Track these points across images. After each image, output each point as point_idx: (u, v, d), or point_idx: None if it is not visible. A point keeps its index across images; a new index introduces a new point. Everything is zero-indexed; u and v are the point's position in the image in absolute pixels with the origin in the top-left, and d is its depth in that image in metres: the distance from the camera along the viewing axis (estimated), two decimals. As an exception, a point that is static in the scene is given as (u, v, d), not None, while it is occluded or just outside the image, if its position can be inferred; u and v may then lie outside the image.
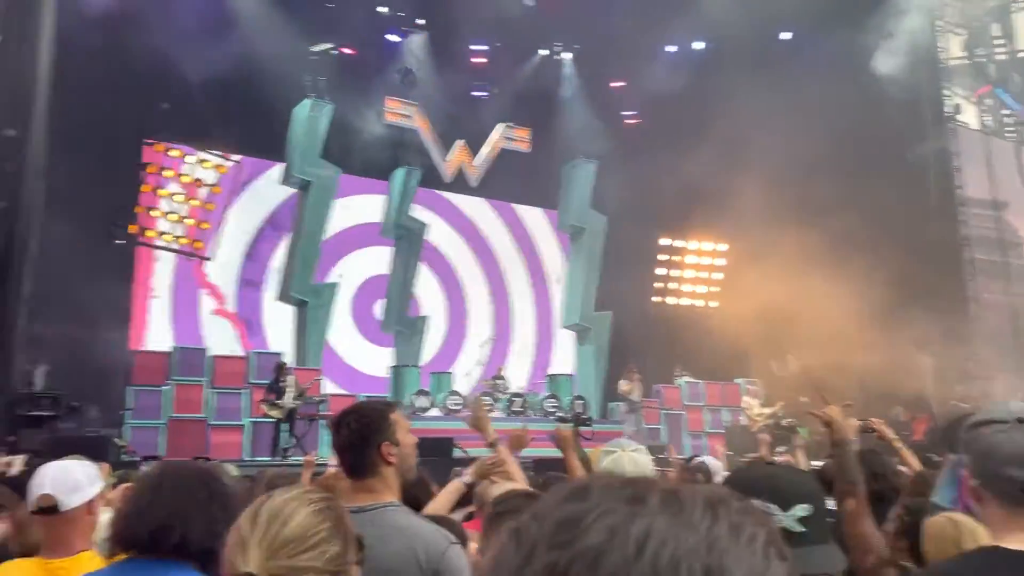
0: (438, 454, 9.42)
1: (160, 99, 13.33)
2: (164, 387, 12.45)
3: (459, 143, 17.51)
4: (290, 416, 12.17)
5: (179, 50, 13.22)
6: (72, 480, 2.72)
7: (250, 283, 15.46)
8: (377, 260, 16.89)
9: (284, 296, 15.50)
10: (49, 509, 2.70)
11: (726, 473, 5.13)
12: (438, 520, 2.54)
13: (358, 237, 16.77)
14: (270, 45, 14.43)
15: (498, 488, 2.97)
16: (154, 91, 13.25)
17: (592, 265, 18.50)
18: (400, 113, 16.97)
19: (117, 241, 13.09)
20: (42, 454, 8.67)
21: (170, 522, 1.98)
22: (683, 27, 16.63)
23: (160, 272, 14.44)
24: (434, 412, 13.92)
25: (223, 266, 14.98)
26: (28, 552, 2.91)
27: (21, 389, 10.83)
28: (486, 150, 17.83)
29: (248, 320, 15.37)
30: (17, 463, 5.72)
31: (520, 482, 3.24)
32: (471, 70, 17.63)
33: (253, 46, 14.27)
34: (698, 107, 15.51)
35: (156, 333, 14.18)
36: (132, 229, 13.06)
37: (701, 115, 15.02)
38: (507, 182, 17.70)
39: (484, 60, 17.78)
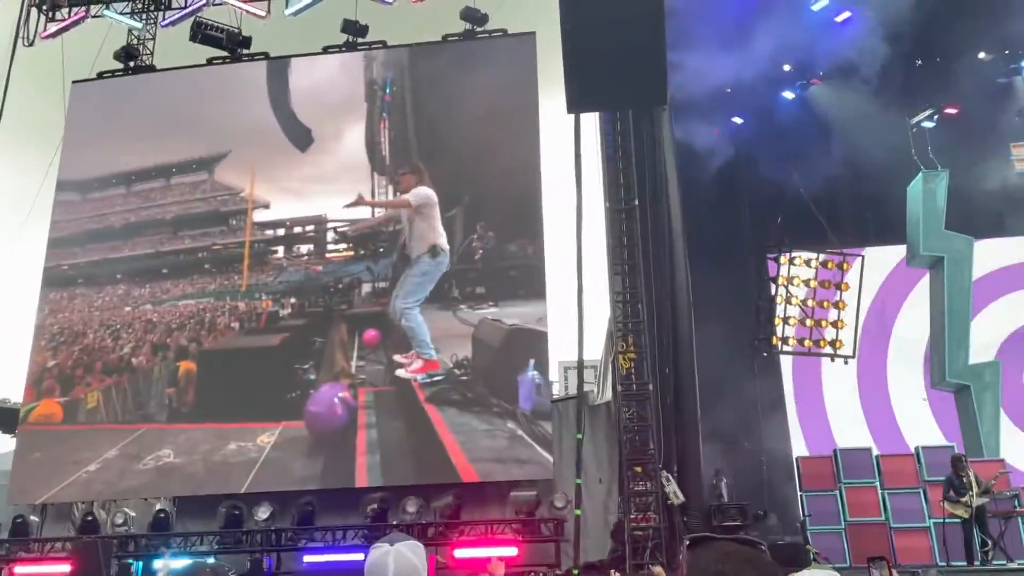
0: None
1: (775, 214, 14.15)
2: (835, 491, 12.49)
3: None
4: (979, 515, 11.00)
5: (782, 165, 14.09)
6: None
7: (896, 374, 14.78)
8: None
9: (937, 382, 14.42)
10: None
11: None
12: None
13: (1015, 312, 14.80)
14: (867, 131, 14.34)
15: None
16: (770, 208, 14.11)
17: None
18: (1029, 157, 14.97)
19: (764, 354, 13.94)
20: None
21: None
22: None
23: (812, 376, 14.72)
24: None
25: (866, 363, 14.67)
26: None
27: (712, 502, 12.01)
28: None
29: (902, 412, 14.60)
30: None
31: None
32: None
33: (851, 138, 14.35)
34: None
35: (814, 439, 14.37)
36: (774, 341, 13.79)
37: None
38: None
39: None
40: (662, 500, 11.82)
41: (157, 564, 11.95)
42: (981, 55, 15.28)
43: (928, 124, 15.01)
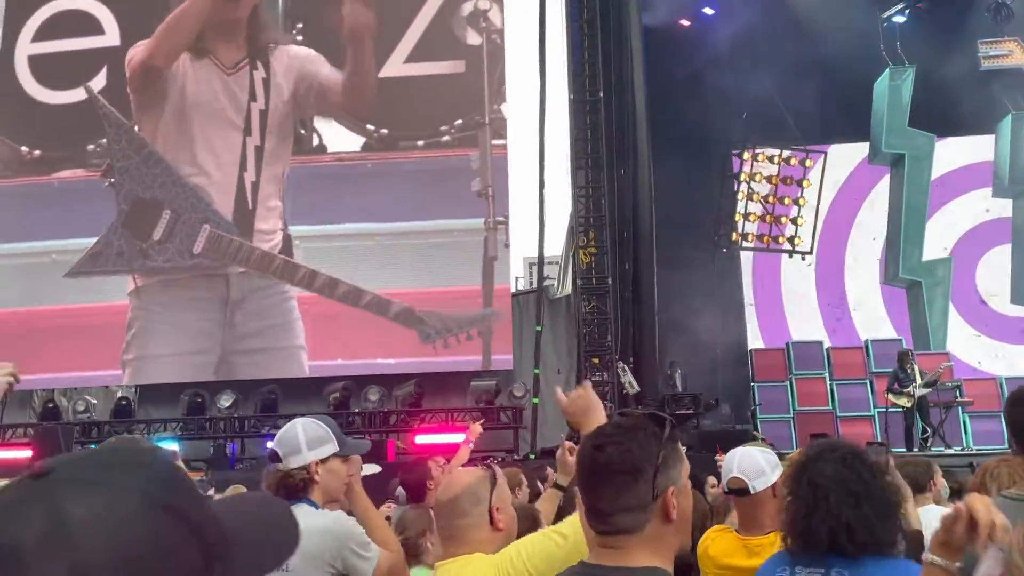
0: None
1: (741, 110, 14.01)
2: (785, 382, 12.91)
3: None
4: (921, 404, 11.47)
5: (750, 60, 13.87)
6: (757, 466, 3.02)
7: (853, 269, 15.05)
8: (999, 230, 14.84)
9: (891, 278, 14.72)
10: (740, 491, 3.05)
11: None
12: None
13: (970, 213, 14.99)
14: (836, 26, 14.07)
15: None
16: (736, 104, 13.97)
17: None
18: (997, 55, 14.84)
19: (724, 249, 14.09)
20: (692, 448, 9.77)
21: None
22: None
23: (770, 272, 14.92)
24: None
25: (825, 259, 14.89)
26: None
27: (666, 391, 12.36)
28: None
29: (856, 307, 14.95)
30: None
31: None
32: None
33: (820, 33, 14.09)
34: None
35: (770, 331, 14.70)
36: (734, 237, 13.92)
37: None
38: None
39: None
40: (618, 390, 12.12)
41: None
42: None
43: (899, 19, 14.77)
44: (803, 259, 14.31)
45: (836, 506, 1.98)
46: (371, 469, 3.88)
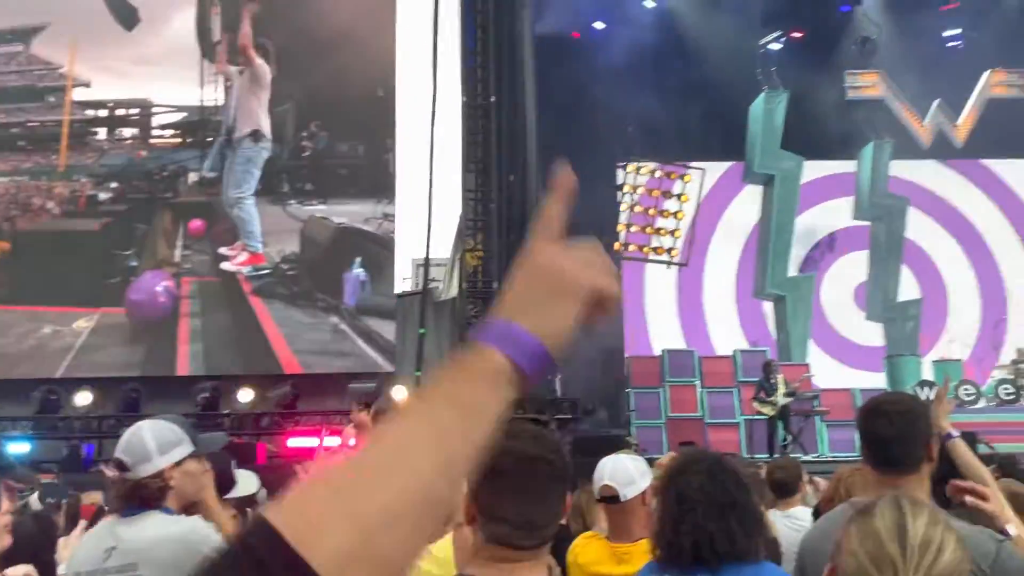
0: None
1: (627, 124, 14.37)
2: (660, 389, 13.29)
3: (936, 103, 15.75)
4: (783, 413, 12.05)
5: (637, 76, 14.28)
6: (627, 473, 3.06)
7: (729, 282, 15.79)
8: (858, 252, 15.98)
9: (759, 292, 15.49)
10: (611, 499, 3.08)
11: None
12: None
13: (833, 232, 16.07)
14: (719, 48, 14.70)
15: None
16: (622, 118, 14.32)
17: None
18: (861, 86, 15.94)
19: (605, 259, 14.39)
20: (569, 453, 9.92)
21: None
22: None
23: (648, 281, 15.46)
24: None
25: (700, 270, 15.52)
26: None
27: (546, 396, 12.48)
28: (971, 104, 15.75)
29: (739, 320, 15.70)
30: None
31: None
32: (939, 18, 15.72)
33: (703, 54, 14.68)
34: None
35: (650, 339, 15.18)
36: (617, 246, 14.24)
37: None
38: (998, 136, 15.40)
39: (954, 5, 15.71)
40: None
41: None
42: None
43: (775, 46, 15.55)
44: (679, 270, 14.82)
45: (702, 518, 2.02)
46: (248, 485, 3.68)
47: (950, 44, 15.91)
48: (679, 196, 14.75)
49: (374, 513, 0.62)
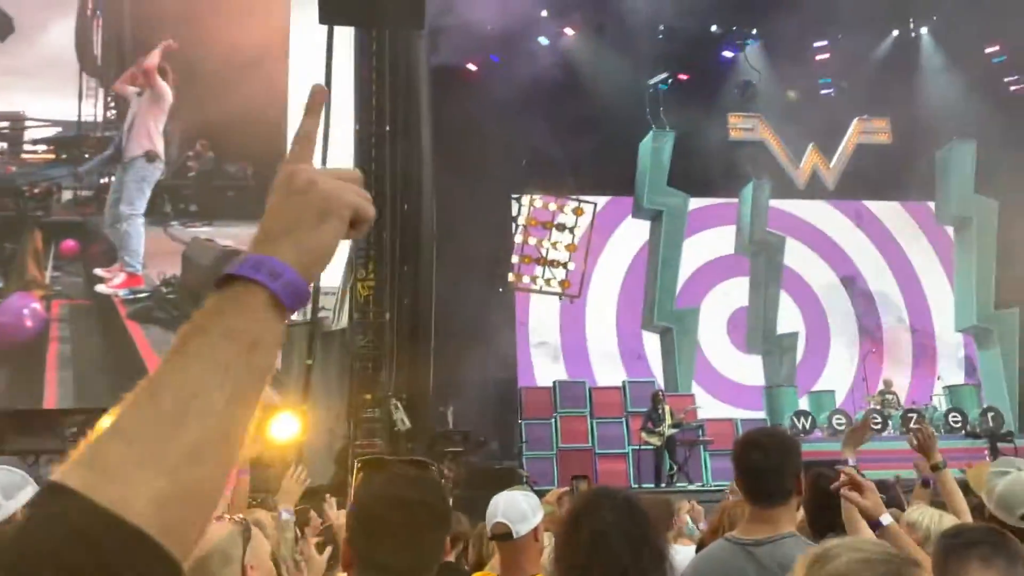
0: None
1: (521, 156, 14.58)
2: (551, 419, 13.39)
3: (811, 146, 16.79)
4: (669, 443, 12.36)
5: (532, 110, 14.53)
6: (520, 510, 3.04)
7: (623, 315, 16.19)
8: (740, 287, 16.72)
9: (647, 324, 15.90)
10: (503, 536, 3.05)
11: None
12: None
13: (716, 269, 16.73)
14: (610, 86, 15.16)
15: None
16: (516, 150, 14.53)
17: (985, 258, 16.29)
18: (743, 128, 16.77)
19: (500, 290, 14.47)
20: (460, 486, 9.82)
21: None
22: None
23: (541, 313, 15.64)
24: (816, 434, 13.41)
25: (594, 302, 15.84)
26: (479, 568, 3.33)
27: (439, 428, 12.37)
28: (842, 148, 16.89)
29: (630, 351, 16.06)
30: None
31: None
32: (814, 67, 16.80)
33: (596, 91, 15.11)
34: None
35: (542, 370, 15.32)
36: (511, 278, 14.35)
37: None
38: (867, 179, 16.56)
39: (827, 55, 16.83)
40: (390, 427, 11.94)
41: None
42: (713, 28, 16.64)
43: (662, 87, 16.16)
44: (571, 302, 15.04)
45: (617, 553, 2.02)
46: None
47: (824, 92, 16.96)
48: (571, 229, 15.02)
49: (177, 454, 0.64)
